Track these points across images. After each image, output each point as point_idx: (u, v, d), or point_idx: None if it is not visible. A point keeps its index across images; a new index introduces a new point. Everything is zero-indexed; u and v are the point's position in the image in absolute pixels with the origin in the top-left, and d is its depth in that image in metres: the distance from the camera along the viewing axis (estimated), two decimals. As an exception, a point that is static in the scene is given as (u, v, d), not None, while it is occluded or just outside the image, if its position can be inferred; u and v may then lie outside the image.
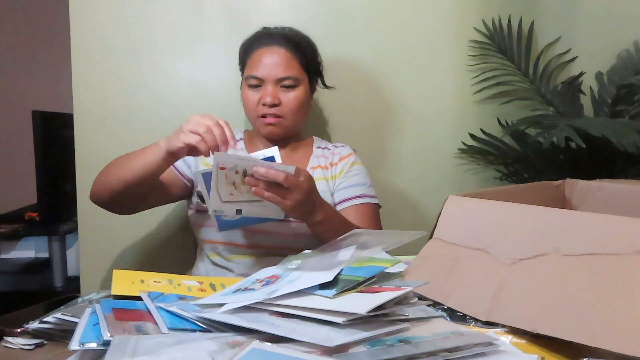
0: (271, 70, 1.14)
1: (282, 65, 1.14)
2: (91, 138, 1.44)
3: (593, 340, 0.52)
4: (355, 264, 0.66)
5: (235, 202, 0.89)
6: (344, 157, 1.25)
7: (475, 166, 1.57)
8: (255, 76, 1.14)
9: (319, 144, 1.29)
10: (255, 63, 1.15)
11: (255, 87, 1.15)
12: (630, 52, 1.50)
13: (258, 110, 1.16)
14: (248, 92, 1.16)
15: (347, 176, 1.22)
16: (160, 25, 1.45)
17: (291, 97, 1.15)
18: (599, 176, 1.06)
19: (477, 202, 0.74)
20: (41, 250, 2.26)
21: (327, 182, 1.21)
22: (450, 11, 1.51)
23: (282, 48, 1.15)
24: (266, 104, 1.14)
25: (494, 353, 0.52)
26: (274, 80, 1.14)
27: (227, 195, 0.87)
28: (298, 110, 1.17)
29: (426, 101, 1.52)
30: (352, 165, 1.23)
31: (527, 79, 1.52)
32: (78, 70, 1.44)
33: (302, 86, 1.17)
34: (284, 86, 1.15)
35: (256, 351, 0.49)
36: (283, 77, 1.14)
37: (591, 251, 0.57)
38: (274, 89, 1.14)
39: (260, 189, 0.86)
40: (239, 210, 0.90)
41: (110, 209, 1.12)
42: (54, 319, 0.63)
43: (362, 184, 1.22)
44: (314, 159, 1.24)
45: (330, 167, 1.23)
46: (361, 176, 1.23)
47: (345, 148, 1.28)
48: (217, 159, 0.84)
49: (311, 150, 1.27)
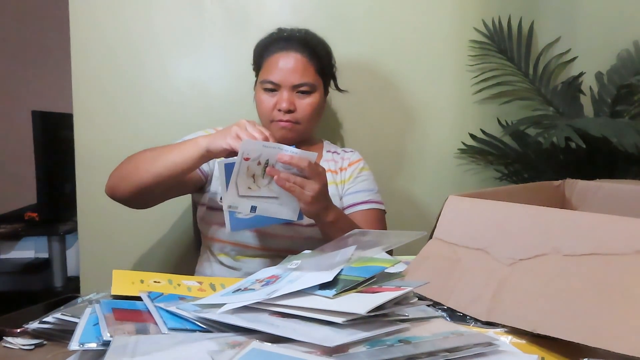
0: (287, 76, 1.13)
1: (299, 72, 1.14)
2: (91, 138, 1.44)
3: (593, 340, 0.52)
4: (355, 264, 0.66)
5: (251, 197, 0.90)
6: (354, 162, 1.26)
7: (475, 166, 1.57)
8: (271, 81, 1.14)
9: (329, 148, 1.30)
10: (272, 67, 1.15)
11: (271, 92, 1.15)
12: (630, 52, 1.50)
13: (273, 115, 1.15)
14: (263, 96, 1.16)
15: (355, 181, 1.23)
16: (160, 25, 1.45)
17: (306, 103, 1.16)
18: (599, 176, 1.06)
19: (477, 202, 0.74)
20: (41, 251, 2.26)
21: (336, 187, 1.22)
22: (450, 11, 1.51)
23: (299, 53, 1.15)
24: (282, 109, 1.13)
25: (494, 353, 0.52)
26: (290, 86, 1.14)
27: (245, 189, 0.88)
28: (313, 116, 1.18)
29: (426, 101, 1.52)
30: (361, 171, 1.25)
31: (527, 79, 1.52)
32: (78, 70, 1.44)
33: (318, 92, 1.18)
34: (299, 92, 1.15)
35: (256, 351, 0.49)
36: (299, 84, 1.14)
37: (591, 251, 0.57)
38: (290, 95, 1.14)
39: (281, 178, 0.88)
40: (253, 207, 0.90)
41: (128, 203, 1.10)
42: (53, 319, 0.63)
43: (370, 190, 1.23)
44: (324, 162, 1.25)
45: (339, 172, 1.24)
46: (369, 182, 1.25)
47: (354, 153, 1.29)
48: (244, 148, 0.85)
49: (321, 154, 1.28)
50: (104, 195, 1.46)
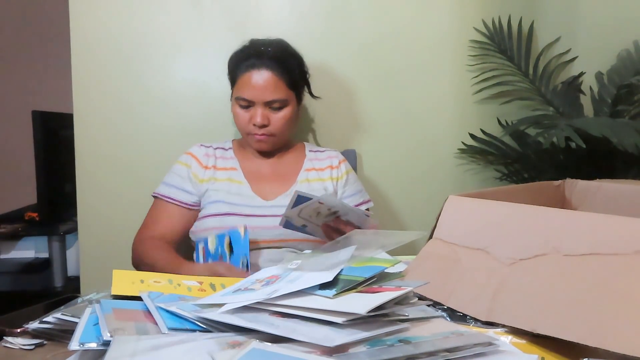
0: (260, 94, 1.19)
1: (270, 89, 1.19)
2: (91, 138, 1.44)
3: (593, 340, 0.52)
4: (355, 264, 0.66)
5: (306, 220, 1.03)
6: (342, 161, 1.33)
7: (475, 166, 1.57)
8: (245, 98, 1.20)
9: (311, 148, 1.36)
10: (245, 85, 1.20)
11: (246, 107, 1.21)
12: (630, 52, 1.50)
13: (249, 129, 1.22)
14: (238, 110, 1.23)
15: (348, 183, 1.30)
16: (160, 25, 1.45)
17: (279, 117, 1.22)
18: (599, 176, 1.06)
19: (477, 202, 0.74)
20: (41, 250, 2.26)
21: (332, 182, 1.28)
22: (450, 11, 1.51)
23: (270, 71, 1.19)
24: (256, 124, 1.20)
25: (494, 353, 0.52)
26: (263, 102, 1.20)
27: (307, 216, 1.01)
28: (286, 128, 1.25)
29: (426, 101, 1.52)
30: (348, 173, 1.32)
31: (527, 79, 1.52)
32: (78, 70, 1.44)
33: (290, 105, 1.23)
34: (272, 108, 1.21)
35: (256, 351, 0.49)
36: (271, 100, 1.20)
37: (591, 251, 0.57)
38: (263, 110, 1.20)
39: (330, 231, 1.02)
40: (304, 226, 1.04)
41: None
42: (54, 319, 0.63)
43: (360, 190, 1.32)
44: (308, 161, 1.31)
45: (333, 169, 1.30)
46: (358, 182, 1.33)
47: (337, 152, 1.35)
48: (326, 201, 0.97)
49: (304, 154, 1.33)
50: (104, 195, 1.46)
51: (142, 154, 1.46)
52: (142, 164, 1.45)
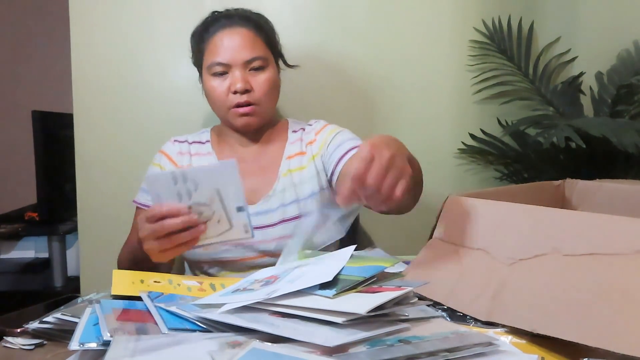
0: (237, 53, 1.03)
1: (248, 47, 1.04)
2: (91, 138, 1.44)
3: (593, 340, 0.52)
4: (355, 264, 0.66)
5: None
6: (320, 130, 1.15)
7: (475, 166, 1.57)
8: (220, 62, 1.04)
9: (294, 127, 1.18)
10: (217, 48, 1.05)
11: (221, 75, 1.05)
12: (630, 52, 1.50)
13: (229, 101, 1.05)
14: (213, 82, 1.06)
15: (335, 140, 1.11)
16: (160, 25, 1.45)
17: (263, 80, 1.05)
18: (599, 176, 1.06)
19: (477, 202, 0.74)
20: (41, 250, 2.26)
21: (313, 162, 1.11)
22: (450, 11, 1.50)
23: (244, 28, 1.06)
24: (238, 90, 1.03)
25: (494, 353, 0.52)
26: (242, 63, 1.04)
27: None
28: (271, 94, 1.08)
29: (426, 101, 1.52)
30: (332, 132, 1.13)
31: (527, 79, 1.52)
32: (78, 70, 1.43)
33: (271, 66, 1.08)
34: (253, 69, 1.05)
35: (256, 351, 0.49)
36: (252, 59, 1.04)
37: (591, 251, 0.57)
38: (243, 73, 1.04)
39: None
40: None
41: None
42: (54, 319, 0.63)
43: (352, 138, 1.12)
44: (290, 146, 1.14)
45: (309, 146, 1.13)
46: (347, 132, 1.14)
47: (319, 122, 1.18)
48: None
49: (286, 137, 1.16)
50: (104, 195, 1.46)
51: (142, 154, 1.45)
52: (142, 164, 1.45)
